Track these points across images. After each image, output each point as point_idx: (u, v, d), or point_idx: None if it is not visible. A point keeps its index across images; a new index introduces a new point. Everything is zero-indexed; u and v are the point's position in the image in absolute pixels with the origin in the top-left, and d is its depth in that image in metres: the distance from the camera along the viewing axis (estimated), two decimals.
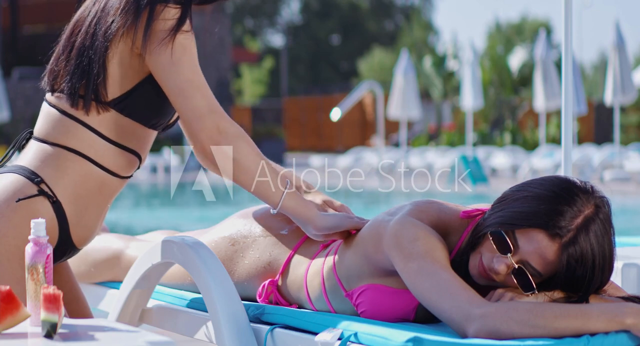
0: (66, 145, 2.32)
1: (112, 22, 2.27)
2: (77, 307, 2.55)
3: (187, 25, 2.28)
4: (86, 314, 2.58)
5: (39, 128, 2.37)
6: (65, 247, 2.35)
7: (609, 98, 17.45)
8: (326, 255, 2.42)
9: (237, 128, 2.30)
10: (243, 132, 2.32)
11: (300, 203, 2.37)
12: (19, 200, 2.25)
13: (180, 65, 2.26)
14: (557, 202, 2.06)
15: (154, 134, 2.42)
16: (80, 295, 2.60)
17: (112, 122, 2.33)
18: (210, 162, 2.31)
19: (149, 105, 2.34)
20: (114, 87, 2.30)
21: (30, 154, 2.34)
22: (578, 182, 2.12)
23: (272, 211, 2.38)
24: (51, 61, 2.39)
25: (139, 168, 2.45)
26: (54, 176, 2.30)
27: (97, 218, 2.39)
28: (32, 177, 2.28)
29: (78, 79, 2.30)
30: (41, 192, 2.27)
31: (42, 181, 2.28)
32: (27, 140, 2.40)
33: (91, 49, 2.29)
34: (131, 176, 2.43)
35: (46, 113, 2.36)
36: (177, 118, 2.48)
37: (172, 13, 2.26)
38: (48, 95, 2.38)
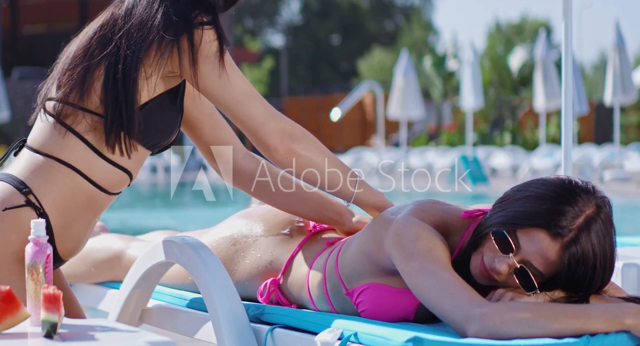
0: (59, 157, 2.30)
1: (151, 55, 2.25)
2: (69, 310, 2.54)
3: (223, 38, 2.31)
4: (79, 317, 2.56)
5: (33, 137, 2.34)
6: None
7: (608, 98, 17.45)
8: (329, 254, 2.42)
9: (301, 128, 2.35)
10: (307, 132, 2.36)
11: (371, 194, 2.42)
12: (6, 209, 2.24)
13: (233, 80, 2.30)
14: (558, 202, 2.06)
15: (147, 154, 2.41)
16: (73, 298, 2.58)
17: (137, 150, 2.33)
18: (282, 164, 2.35)
19: (152, 125, 2.33)
20: None
21: (21, 163, 2.32)
22: (579, 182, 2.12)
23: (345, 204, 2.43)
24: (58, 74, 2.34)
25: (128, 186, 2.44)
26: (42, 187, 2.28)
27: (84, 232, 2.38)
28: (21, 186, 2.27)
29: (117, 128, 2.28)
30: (28, 203, 2.26)
31: (30, 191, 2.27)
32: (21, 148, 2.38)
33: (127, 95, 2.26)
34: (120, 193, 2.43)
35: (43, 123, 2.34)
36: (172, 142, 2.48)
37: (210, 35, 2.28)
38: (49, 105, 2.34)
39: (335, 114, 20.67)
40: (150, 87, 2.29)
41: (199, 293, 2.58)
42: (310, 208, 2.56)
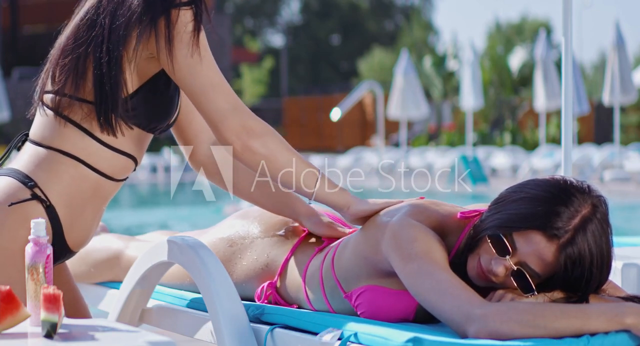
0: (61, 148, 2.30)
1: (129, 34, 2.24)
2: (75, 309, 2.55)
3: (201, 23, 2.27)
4: (85, 315, 2.57)
5: (34, 131, 2.35)
6: (60, 250, 2.33)
7: (607, 98, 17.44)
8: (325, 256, 2.42)
9: (263, 124, 2.31)
10: (270, 128, 2.32)
11: (333, 192, 2.38)
12: (12, 204, 2.24)
13: (200, 68, 2.26)
14: (554, 203, 2.06)
15: (150, 137, 2.41)
16: (79, 297, 2.59)
17: (132, 129, 2.32)
18: (240, 160, 2.32)
19: (148, 108, 2.33)
20: None
21: (25, 157, 2.32)
22: (575, 181, 2.12)
23: (307, 201, 2.40)
24: (51, 67, 2.35)
25: (134, 170, 2.44)
26: (47, 180, 2.28)
27: (92, 221, 2.38)
28: (26, 180, 2.27)
29: (105, 110, 2.27)
30: (34, 196, 2.26)
31: (36, 185, 2.27)
32: (23, 142, 2.38)
33: (109, 67, 2.26)
34: (126, 178, 2.43)
35: (42, 116, 2.35)
36: (174, 121, 2.47)
37: (187, 16, 2.24)
38: (46, 97, 2.35)
39: (335, 114, 20.67)
40: (140, 70, 2.28)
41: (199, 293, 2.59)
42: (272, 204, 2.58)
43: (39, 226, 1.88)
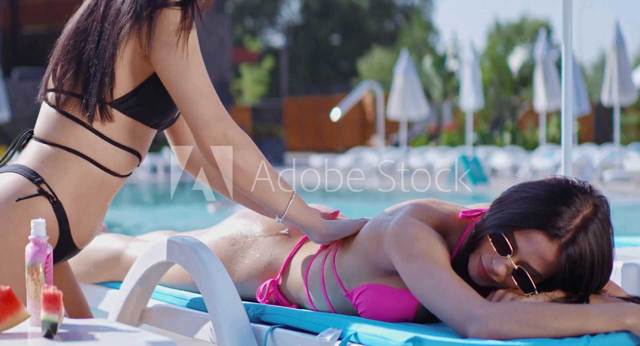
0: (65, 145, 2.31)
1: (121, 29, 2.25)
2: (77, 307, 2.55)
3: (192, 25, 2.27)
4: (87, 314, 2.57)
5: (38, 128, 2.36)
6: (65, 247, 2.34)
7: (606, 98, 17.43)
8: (326, 255, 2.42)
9: (244, 136, 2.30)
10: (249, 140, 2.32)
11: (304, 212, 2.38)
12: (19, 199, 2.25)
13: (187, 71, 2.25)
14: (555, 203, 2.06)
15: (154, 133, 2.42)
16: (81, 295, 2.60)
17: (113, 121, 2.33)
18: (215, 168, 2.32)
19: (151, 105, 2.34)
20: (118, 88, 2.30)
21: (31, 154, 2.33)
22: (576, 182, 2.12)
23: (277, 219, 2.38)
24: (52, 64, 2.37)
25: (138, 165, 2.44)
26: (54, 176, 2.29)
27: (97, 217, 2.38)
28: (33, 176, 2.28)
29: (92, 87, 2.28)
30: (41, 192, 2.27)
31: (43, 181, 2.28)
32: (28, 139, 2.39)
33: (97, 58, 2.27)
34: (130, 174, 2.43)
35: (46, 114, 2.36)
36: (177, 116, 2.48)
37: (176, 16, 2.24)
38: (49, 95, 2.37)
39: (335, 114, 20.66)
40: (139, 68, 2.29)
41: (199, 293, 2.59)
42: (250, 200, 2.57)
43: (39, 226, 1.88)
